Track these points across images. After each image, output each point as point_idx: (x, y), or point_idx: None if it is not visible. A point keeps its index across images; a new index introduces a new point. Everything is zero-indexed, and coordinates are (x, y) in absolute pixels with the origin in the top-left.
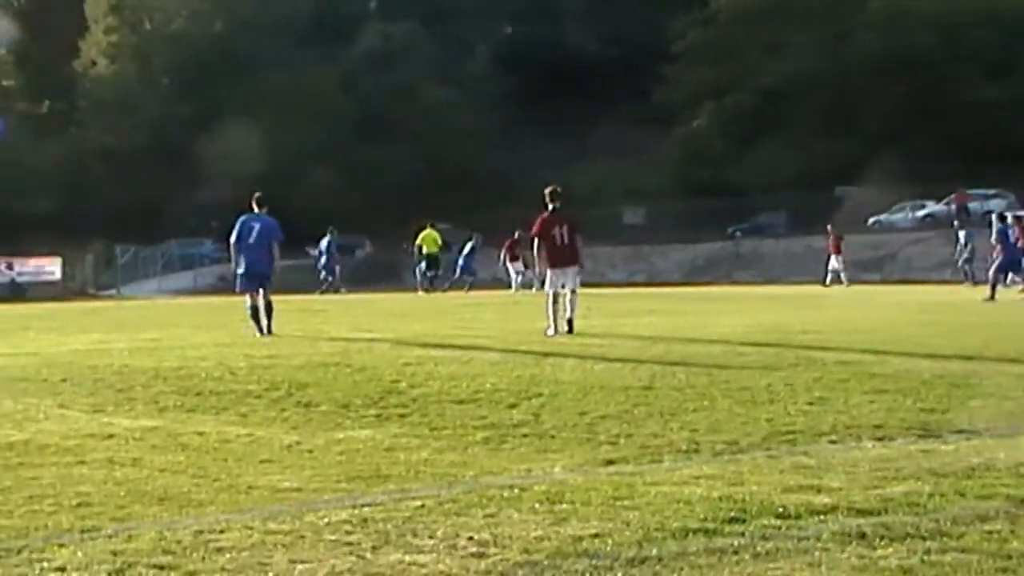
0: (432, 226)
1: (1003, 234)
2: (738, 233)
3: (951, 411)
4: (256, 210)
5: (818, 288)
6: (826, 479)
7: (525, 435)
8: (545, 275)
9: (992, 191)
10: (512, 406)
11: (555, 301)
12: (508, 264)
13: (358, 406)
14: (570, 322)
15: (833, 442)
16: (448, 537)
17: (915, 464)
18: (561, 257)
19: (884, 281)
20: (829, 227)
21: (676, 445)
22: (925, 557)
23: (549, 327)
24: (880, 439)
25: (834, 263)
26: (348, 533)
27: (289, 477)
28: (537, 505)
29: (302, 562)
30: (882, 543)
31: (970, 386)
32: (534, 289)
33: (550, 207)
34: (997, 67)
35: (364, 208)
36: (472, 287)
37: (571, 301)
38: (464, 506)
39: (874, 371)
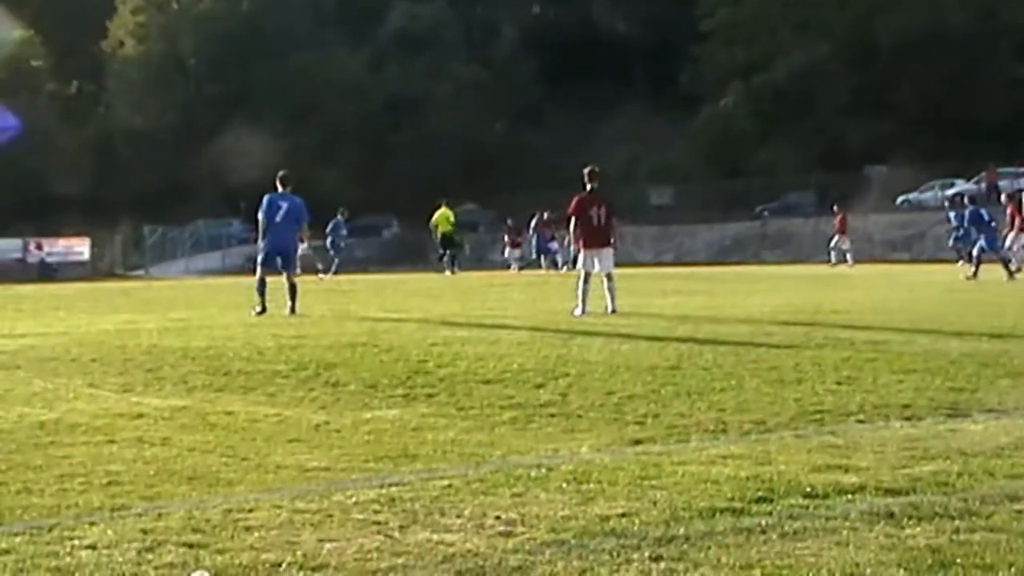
0: (447, 205)
1: (976, 215)
2: (766, 213)
3: (980, 390)
4: (281, 189)
5: (845, 268)
6: (854, 459)
7: (552, 415)
8: (579, 254)
9: (1023, 169)
10: (539, 386)
11: (586, 281)
12: (509, 248)
13: (385, 386)
14: (613, 311)
15: (861, 422)
16: (476, 516)
17: (943, 444)
18: (596, 238)
19: (913, 260)
20: (835, 207)
21: (703, 425)
22: (954, 537)
23: (577, 307)
24: (908, 419)
25: (841, 243)
26: (376, 512)
27: (317, 456)
28: (564, 484)
29: (330, 540)
30: (910, 523)
31: (999, 365)
32: (564, 268)
33: (588, 187)
34: None
35: (391, 188)
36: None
37: (609, 288)
38: (491, 485)
39: (902, 350)
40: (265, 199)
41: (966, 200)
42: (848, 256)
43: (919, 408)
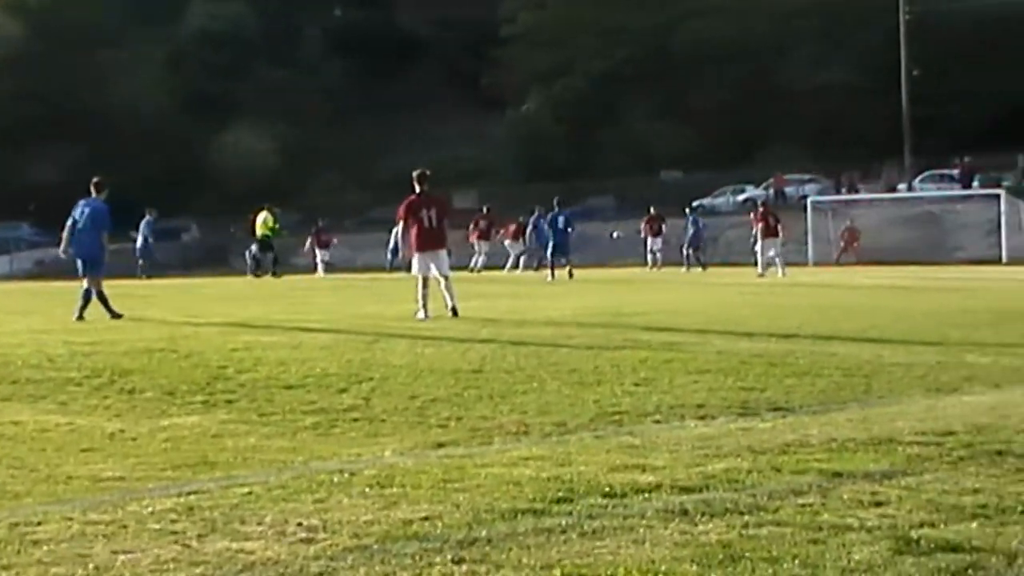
0: (268, 209)
1: (695, 223)
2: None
3: (768, 389)
4: (94, 194)
5: (645, 271)
6: (651, 458)
7: (355, 419)
8: (412, 259)
9: (808, 176)
10: (342, 391)
11: (424, 285)
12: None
13: (184, 392)
14: (454, 309)
15: (658, 422)
16: (277, 523)
17: (735, 442)
18: (429, 240)
19: (707, 264)
20: (652, 209)
21: (506, 427)
22: (743, 531)
23: (419, 311)
24: (702, 418)
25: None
26: (173, 522)
27: (112, 466)
28: (367, 489)
29: (124, 552)
30: (703, 519)
31: (786, 365)
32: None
33: (418, 189)
34: (819, 56)
35: (193, 189)
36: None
37: (448, 288)
38: (293, 492)
39: (697, 352)
40: (77, 204)
41: (687, 211)
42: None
43: (712, 408)
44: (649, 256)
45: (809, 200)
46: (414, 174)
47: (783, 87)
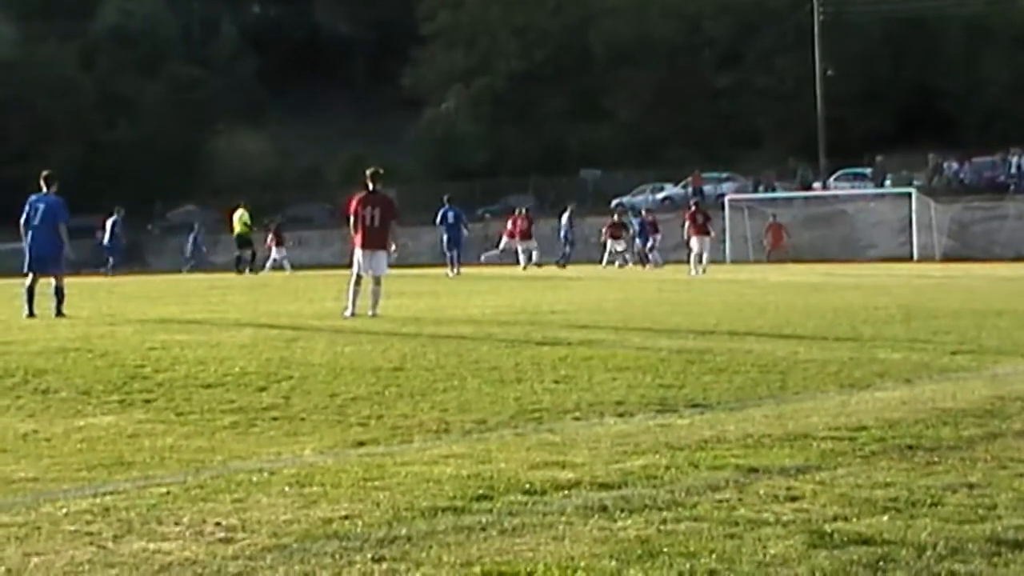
0: (243, 206)
1: (640, 224)
2: (487, 215)
3: (686, 386)
4: (44, 190)
5: (566, 270)
6: (570, 455)
7: (275, 418)
8: (353, 254)
9: (725, 175)
10: (261, 389)
11: (357, 282)
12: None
13: (100, 392)
14: (374, 314)
15: (577, 419)
16: (194, 524)
17: (653, 438)
18: (370, 239)
19: (626, 262)
20: (616, 216)
21: (426, 425)
22: (661, 527)
23: (346, 308)
24: (621, 415)
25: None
26: (88, 523)
27: (24, 467)
28: (287, 488)
29: (38, 554)
30: (622, 515)
31: (704, 362)
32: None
33: (370, 187)
34: (728, 56)
35: (107, 188)
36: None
37: (374, 292)
38: (211, 492)
39: (616, 349)
40: (28, 201)
41: (629, 212)
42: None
43: (631, 405)
44: (606, 256)
45: (727, 199)
46: (367, 172)
47: (699, 86)
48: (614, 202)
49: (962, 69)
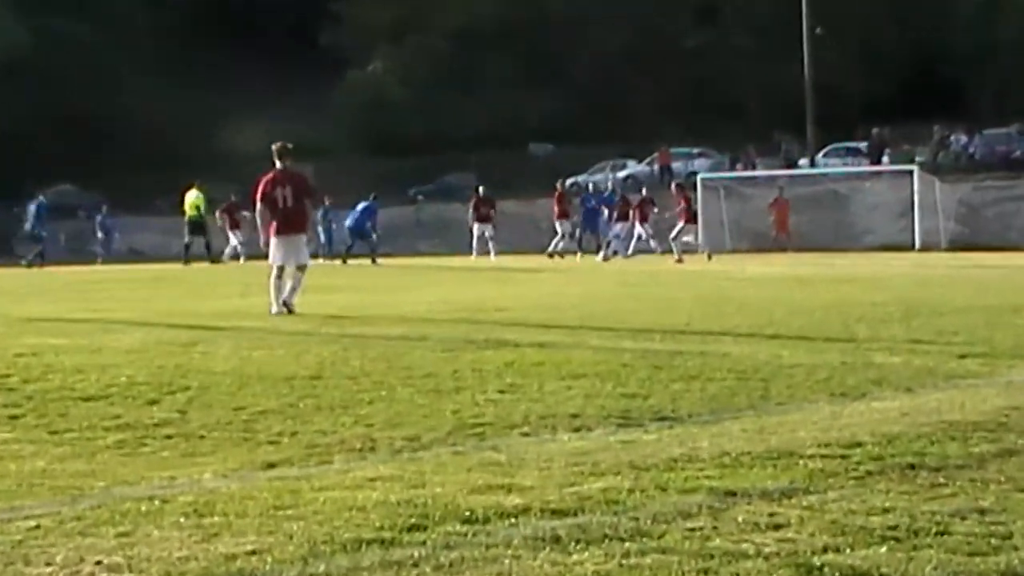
0: (197, 186)
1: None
2: (421, 197)
3: (653, 396)
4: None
5: (514, 259)
6: (518, 477)
7: (169, 436)
8: (269, 244)
9: (697, 150)
10: (153, 402)
11: (279, 276)
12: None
13: None
14: (289, 305)
15: (526, 434)
16: (71, 563)
17: (614, 457)
18: (285, 224)
19: (587, 251)
20: (481, 190)
21: (349, 443)
22: (624, 561)
23: (272, 305)
24: (577, 430)
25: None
26: None
27: None
28: (182, 519)
29: None
30: (578, 547)
31: (673, 367)
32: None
33: (278, 165)
34: (703, 11)
35: None
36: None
37: (295, 278)
38: (91, 524)
39: (571, 353)
40: None
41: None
42: (491, 246)
43: (589, 418)
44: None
45: (699, 177)
46: (273, 147)
47: (668, 47)
48: (568, 181)
49: (973, 29)
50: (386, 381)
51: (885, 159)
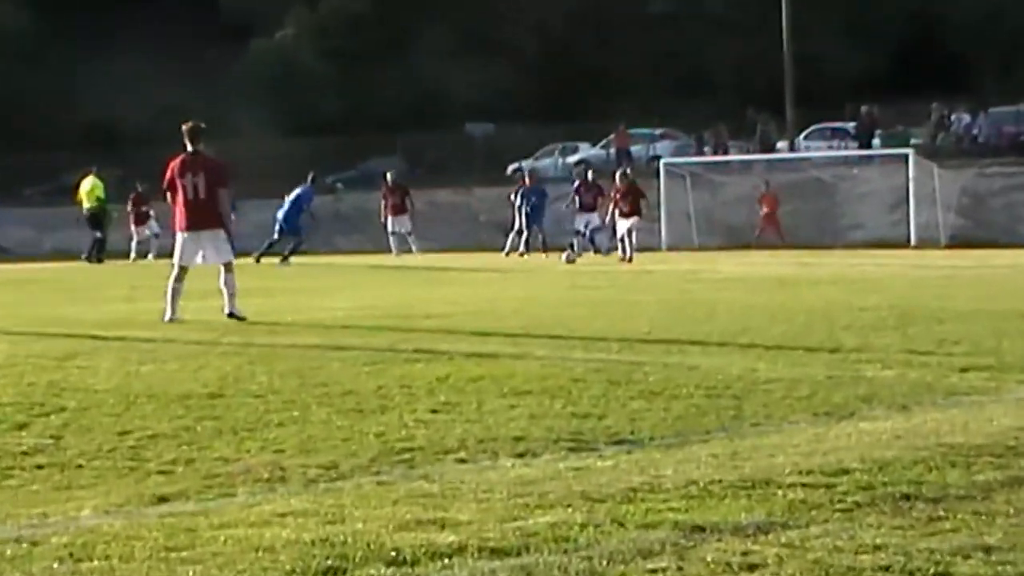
0: (95, 173)
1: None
2: (340, 185)
3: (609, 416)
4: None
5: (449, 257)
6: (453, 511)
7: (40, 467)
8: (175, 239)
9: (660, 131)
10: (22, 426)
11: (179, 278)
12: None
13: None
14: (231, 312)
15: (462, 461)
16: None
17: (564, 487)
18: (195, 216)
19: (534, 249)
20: (388, 175)
21: (255, 472)
22: None
23: (166, 311)
24: (521, 455)
25: (396, 226)
26: None
27: None
28: (56, 565)
29: None
30: None
31: (632, 383)
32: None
33: (189, 148)
34: None
35: None
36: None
37: (226, 282)
38: None
39: (515, 366)
40: None
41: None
42: (412, 242)
43: (535, 441)
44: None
45: (662, 163)
46: (184, 128)
47: (627, 15)
48: (511, 167)
49: None
50: (299, 399)
51: (876, 142)
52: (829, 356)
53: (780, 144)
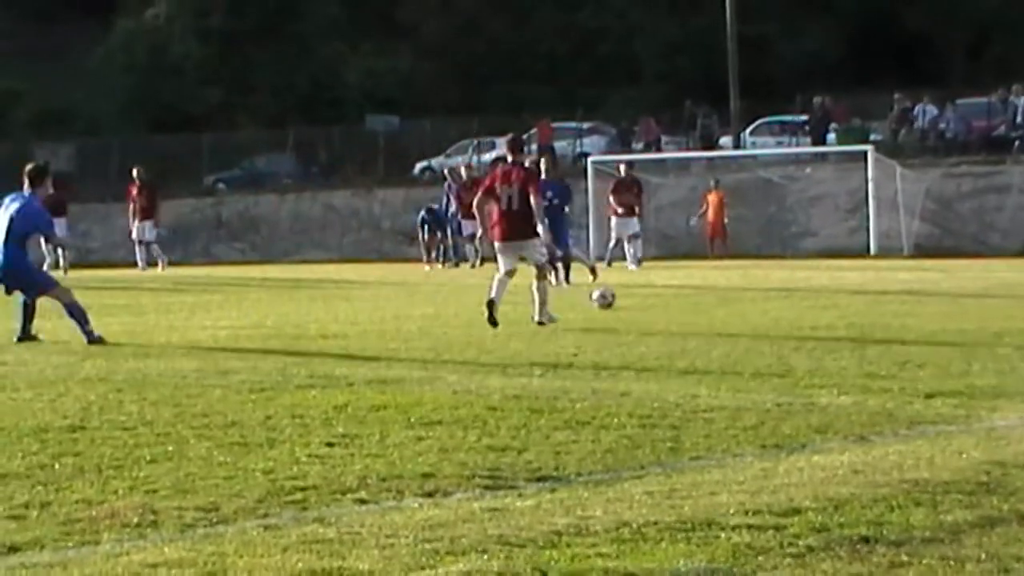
0: None
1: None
2: (221, 186)
3: (530, 448)
4: (29, 188)
5: (348, 269)
6: (352, 559)
7: None
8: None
9: (587, 125)
10: None
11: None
12: None
13: None
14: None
15: (362, 501)
16: None
17: (479, 530)
18: None
19: (445, 259)
20: (135, 171)
21: (122, 516)
22: None
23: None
24: (430, 494)
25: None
26: None
27: None
28: None
29: None
30: None
31: (557, 411)
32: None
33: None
34: None
35: None
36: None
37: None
38: None
39: (423, 393)
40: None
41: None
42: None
43: (445, 478)
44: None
45: (590, 160)
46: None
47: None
48: (418, 165)
49: None
50: (174, 432)
51: (831, 137)
52: (778, 381)
53: (723, 140)
